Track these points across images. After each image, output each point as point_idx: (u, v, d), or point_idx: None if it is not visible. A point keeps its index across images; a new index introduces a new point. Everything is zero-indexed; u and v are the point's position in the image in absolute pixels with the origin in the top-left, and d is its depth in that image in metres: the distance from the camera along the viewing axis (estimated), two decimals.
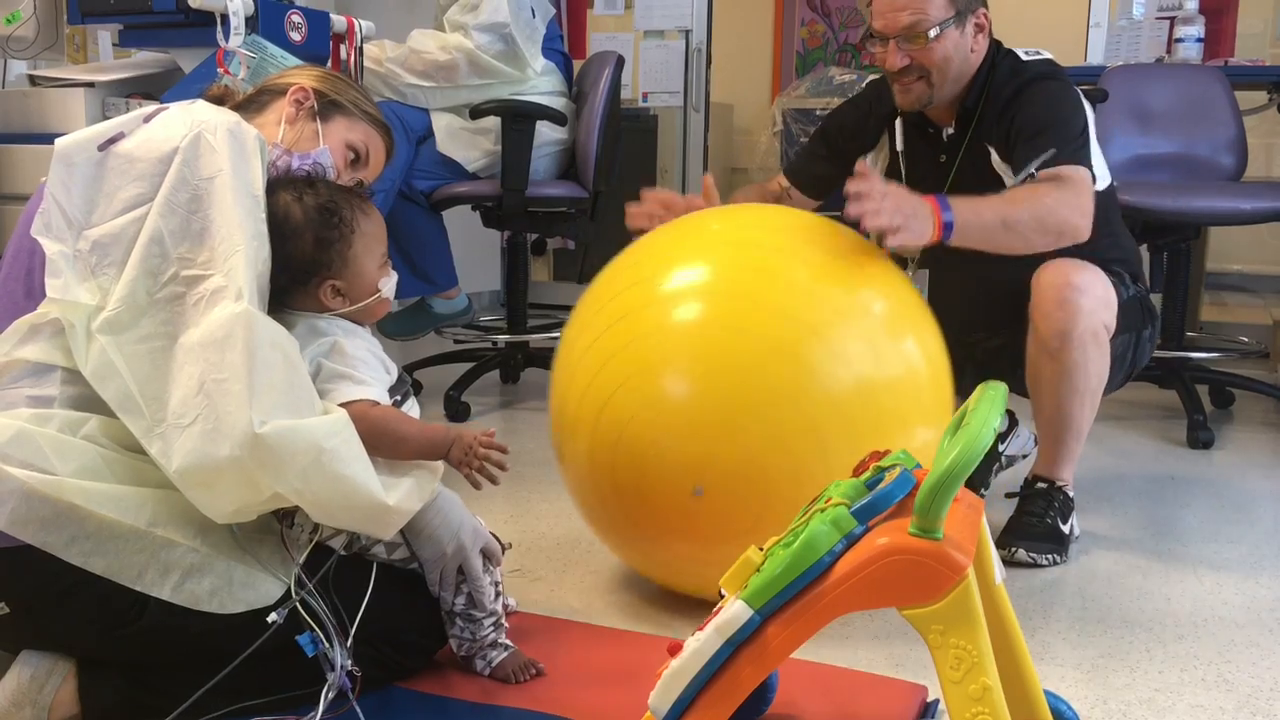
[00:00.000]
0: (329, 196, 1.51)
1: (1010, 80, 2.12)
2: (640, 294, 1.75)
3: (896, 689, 1.54)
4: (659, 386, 1.66)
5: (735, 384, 1.62)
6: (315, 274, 1.49)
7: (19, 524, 1.29)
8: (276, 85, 1.63)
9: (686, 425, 1.63)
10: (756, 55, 6.69)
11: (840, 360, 1.66)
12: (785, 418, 1.61)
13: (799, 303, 1.69)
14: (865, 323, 1.72)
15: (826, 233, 1.82)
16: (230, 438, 1.27)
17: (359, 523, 1.41)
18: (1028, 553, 2.07)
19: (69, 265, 1.37)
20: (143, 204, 1.38)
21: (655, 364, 1.67)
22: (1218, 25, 4.26)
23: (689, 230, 1.89)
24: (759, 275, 1.71)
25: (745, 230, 1.85)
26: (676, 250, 1.83)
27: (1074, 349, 2.02)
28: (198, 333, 1.32)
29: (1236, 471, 2.78)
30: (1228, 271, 5.07)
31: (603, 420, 1.68)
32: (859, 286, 1.75)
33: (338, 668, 1.39)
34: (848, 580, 1.13)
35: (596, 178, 3.29)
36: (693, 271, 1.76)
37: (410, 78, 3.21)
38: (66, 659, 1.39)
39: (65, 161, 1.41)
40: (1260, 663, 1.69)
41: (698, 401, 1.64)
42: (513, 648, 1.55)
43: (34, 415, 1.34)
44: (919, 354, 1.74)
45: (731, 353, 1.64)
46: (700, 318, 1.70)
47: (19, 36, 3.03)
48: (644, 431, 1.64)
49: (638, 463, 1.65)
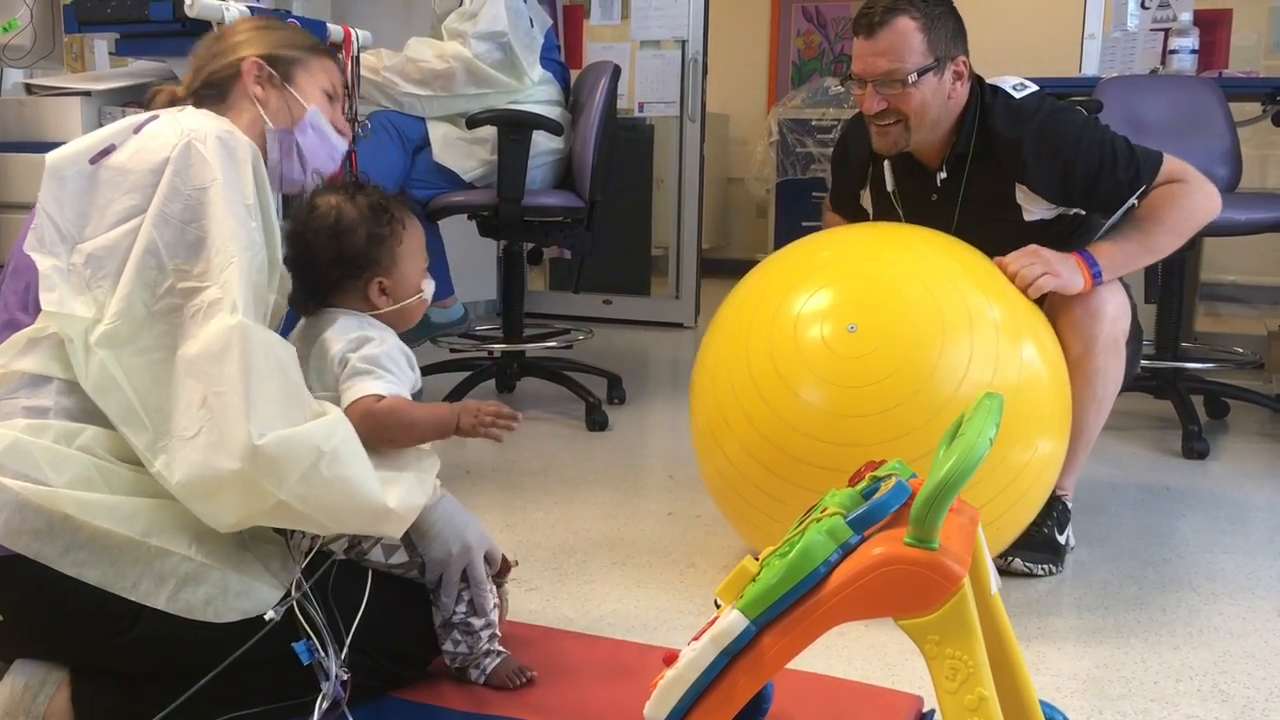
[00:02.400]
0: (380, 197, 1.56)
1: (1012, 122, 2.10)
2: (774, 307, 1.88)
3: (892, 699, 1.54)
4: (798, 394, 1.78)
5: (866, 394, 1.74)
6: (367, 269, 1.53)
7: (13, 534, 1.29)
8: (220, 67, 1.58)
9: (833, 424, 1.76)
10: (752, 65, 6.71)
11: (959, 367, 1.74)
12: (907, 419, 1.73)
13: (928, 312, 1.79)
14: (988, 331, 1.80)
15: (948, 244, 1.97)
16: (231, 451, 1.27)
17: (363, 524, 1.40)
18: (1024, 562, 2.07)
19: (63, 279, 1.37)
20: (136, 215, 1.38)
21: (790, 375, 1.79)
22: (1212, 37, 4.28)
23: (809, 252, 2.02)
24: (888, 288, 1.84)
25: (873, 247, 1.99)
26: (803, 269, 1.96)
27: (1098, 355, 2.02)
28: (195, 345, 1.32)
29: (1232, 482, 2.78)
30: (1222, 282, 5.08)
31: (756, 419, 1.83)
32: (986, 294, 1.85)
33: (332, 677, 1.38)
34: (843, 590, 1.13)
35: (593, 187, 3.29)
36: (821, 292, 1.86)
37: (407, 86, 3.21)
38: (60, 668, 1.38)
39: (56, 176, 1.41)
40: (1256, 673, 1.69)
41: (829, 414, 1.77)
42: (505, 653, 1.55)
43: (29, 426, 1.34)
44: (1040, 363, 1.85)
45: (866, 362, 1.76)
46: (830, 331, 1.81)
47: (15, 45, 3.03)
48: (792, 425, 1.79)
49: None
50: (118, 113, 2.78)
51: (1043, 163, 2.07)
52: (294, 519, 1.35)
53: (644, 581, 2.02)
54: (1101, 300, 2.02)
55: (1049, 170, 2.07)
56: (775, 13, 6.68)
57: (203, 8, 2.51)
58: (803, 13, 6.59)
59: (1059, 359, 1.92)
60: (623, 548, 2.19)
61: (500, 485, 1.47)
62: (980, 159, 2.13)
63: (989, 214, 2.14)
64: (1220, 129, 3.40)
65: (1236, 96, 3.58)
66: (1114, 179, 2.07)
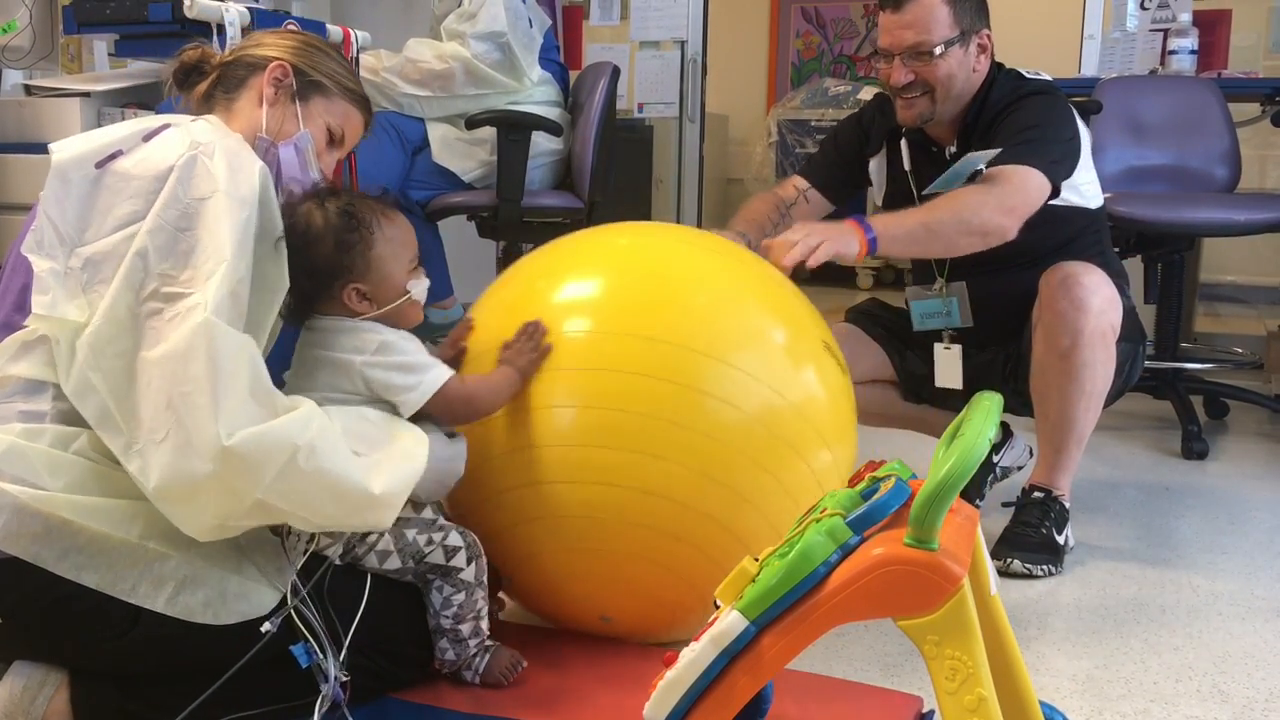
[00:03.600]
0: (349, 201, 1.52)
1: (1007, 95, 2.15)
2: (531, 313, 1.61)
3: (892, 700, 1.54)
4: (549, 420, 1.55)
5: (622, 420, 1.52)
6: (337, 277, 1.50)
7: (11, 539, 1.29)
8: (253, 58, 1.59)
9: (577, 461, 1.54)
10: (752, 66, 6.71)
11: (736, 385, 1.54)
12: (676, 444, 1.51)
13: (694, 330, 1.57)
14: (760, 350, 1.60)
15: (727, 253, 1.75)
16: (201, 453, 1.25)
17: (348, 515, 1.37)
18: (1023, 564, 2.07)
19: (58, 282, 1.36)
20: (135, 222, 1.37)
21: (543, 399, 1.56)
22: (1211, 37, 4.28)
23: (586, 247, 1.78)
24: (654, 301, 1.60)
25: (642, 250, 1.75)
26: (571, 269, 1.71)
27: (1084, 348, 2.03)
28: (161, 346, 1.30)
29: (1231, 482, 2.78)
30: (1222, 283, 5.08)
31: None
32: (758, 311, 1.65)
33: (331, 679, 1.38)
34: (843, 591, 1.13)
35: (592, 188, 3.29)
36: (586, 293, 1.64)
37: (407, 87, 3.21)
38: (59, 670, 1.38)
39: (61, 178, 1.40)
40: (1256, 673, 1.69)
41: (588, 437, 1.54)
42: (494, 645, 1.54)
43: (25, 430, 1.34)
44: (816, 382, 1.63)
45: (621, 388, 1.53)
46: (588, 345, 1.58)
47: (14, 46, 3.03)
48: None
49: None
50: (117, 114, 2.78)
51: (994, 129, 2.10)
52: (275, 516, 1.33)
53: None
54: (1087, 293, 2.02)
55: (994, 132, 2.10)
56: (774, 13, 6.68)
57: (202, 9, 2.51)
58: (802, 13, 6.59)
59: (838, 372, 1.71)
60: None
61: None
62: (983, 134, 2.15)
63: None
64: (1219, 129, 3.41)
65: (1235, 97, 3.59)
66: (1007, 132, 2.05)
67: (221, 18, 2.49)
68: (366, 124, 1.68)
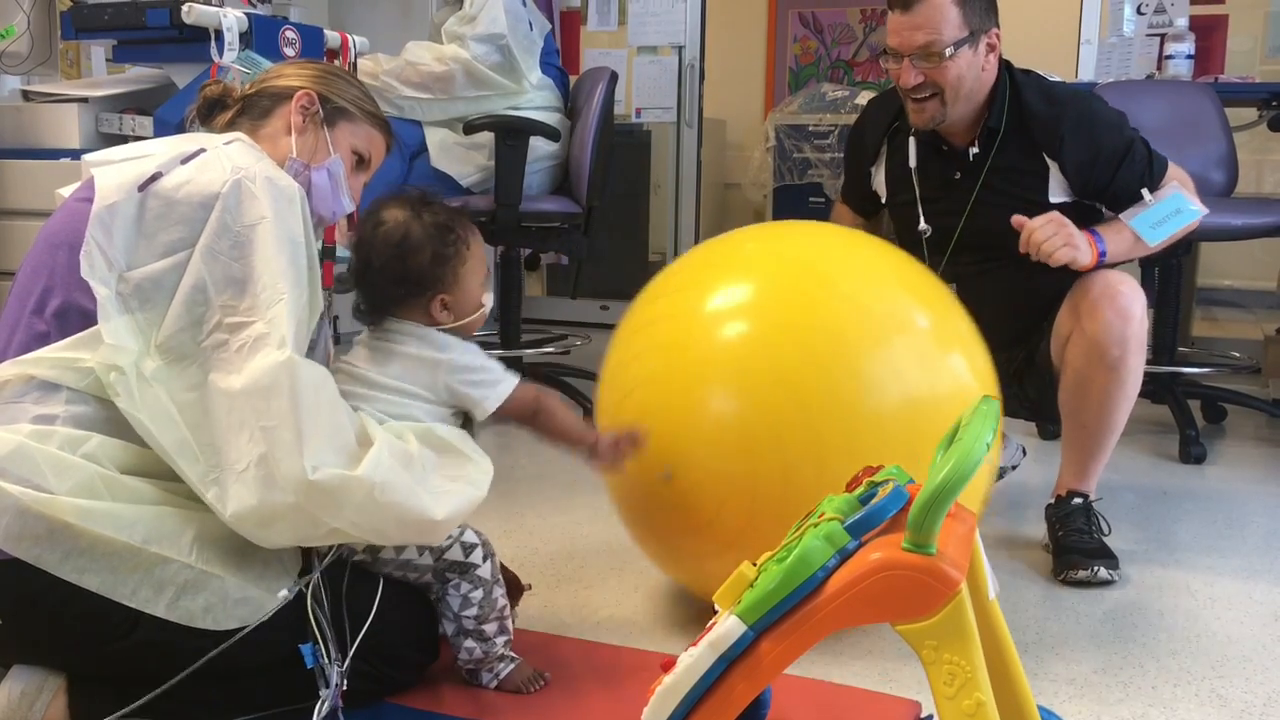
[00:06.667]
0: (446, 216, 1.58)
1: (1048, 100, 2.14)
2: (680, 309, 1.76)
3: (890, 705, 1.54)
4: (700, 403, 1.66)
5: (775, 399, 1.61)
6: (430, 288, 1.55)
7: (13, 540, 1.29)
8: (276, 88, 1.62)
9: (731, 440, 1.63)
10: (749, 71, 6.71)
11: (887, 375, 1.64)
12: (825, 432, 1.60)
13: (844, 317, 1.69)
14: (911, 338, 1.71)
15: (869, 246, 1.86)
16: (285, 485, 1.30)
17: (409, 538, 1.46)
18: (1107, 570, 2.06)
19: (116, 310, 1.38)
20: (183, 248, 1.39)
21: (694, 382, 1.68)
22: (1208, 42, 4.29)
23: (730, 248, 1.89)
24: (801, 291, 1.71)
25: (787, 245, 1.87)
26: (719, 267, 1.83)
27: (1132, 355, 2.03)
28: (240, 380, 1.34)
29: (1229, 486, 2.78)
30: (1219, 287, 5.09)
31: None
32: (906, 300, 1.75)
33: (332, 685, 1.39)
34: (841, 595, 1.13)
35: (590, 193, 3.29)
36: (736, 288, 1.75)
37: (406, 90, 3.21)
38: (57, 674, 1.38)
39: (106, 203, 1.41)
40: (1254, 678, 1.69)
41: (738, 418, 1.64)
42: (519, 660, 1.55)
43: (35, 431, 1.34)
44: (967, 370, 1.72)
45: (772, 369, 1.62)
46: (742, 333, 1.70)
47: (13, 52, 3.04)
48: (685, 446, 1.65)
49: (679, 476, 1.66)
50: (115, 119, 2.78)
51: (1079, 140, 2.10)
52: (345, 539, 1.40)
53: (641, 587, 2.02)
54: (1129, 301, 2.03)
55: (1083, 149, 2.11)
56: (772, 19, 6.68)
57: (199, 14, 2.52)
58: (800, 19, 6.59)
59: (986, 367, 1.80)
60: (620, 554, 2.18)
61: (498, 491, 1.47)
62: (1013, 135, 2.15)
63: (1013, 192, 2.15)
64: (1216, 134, 3.41)
65: (1232, 101, 3.59)
66: (1131, 171, 2.11)
67: (219, 23, 2.50)
68: (388, 145, 1.72)
